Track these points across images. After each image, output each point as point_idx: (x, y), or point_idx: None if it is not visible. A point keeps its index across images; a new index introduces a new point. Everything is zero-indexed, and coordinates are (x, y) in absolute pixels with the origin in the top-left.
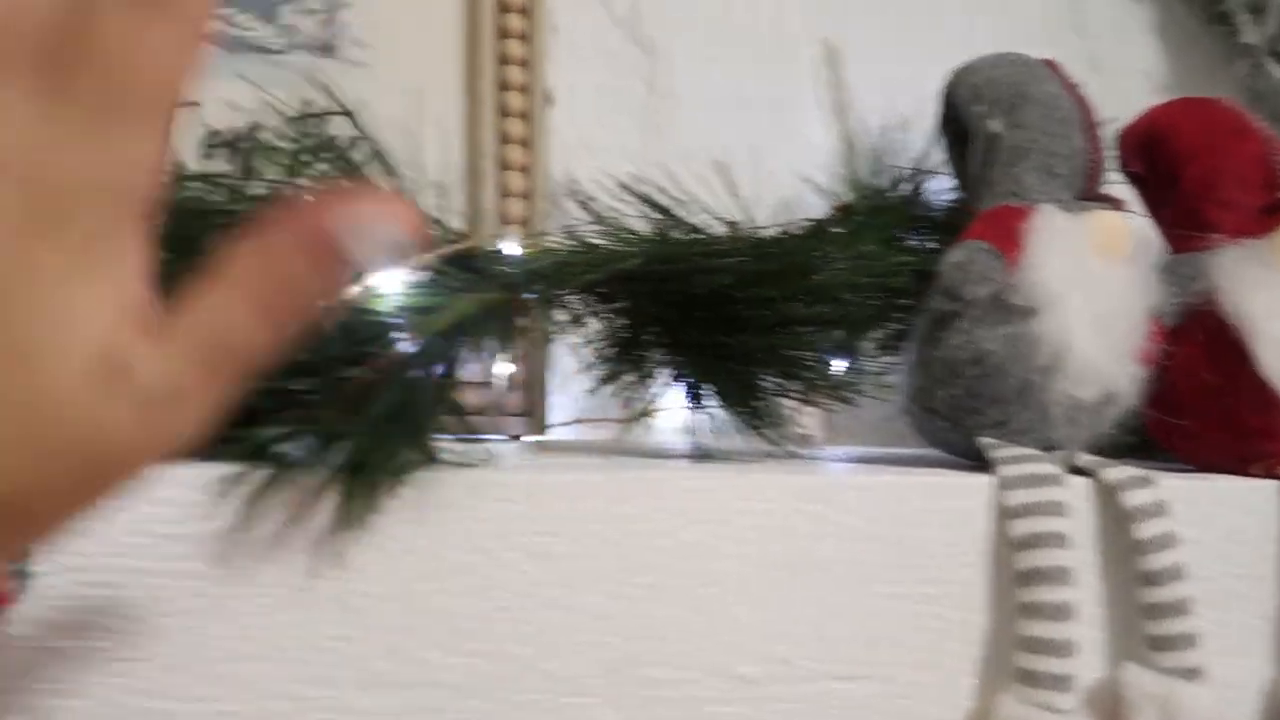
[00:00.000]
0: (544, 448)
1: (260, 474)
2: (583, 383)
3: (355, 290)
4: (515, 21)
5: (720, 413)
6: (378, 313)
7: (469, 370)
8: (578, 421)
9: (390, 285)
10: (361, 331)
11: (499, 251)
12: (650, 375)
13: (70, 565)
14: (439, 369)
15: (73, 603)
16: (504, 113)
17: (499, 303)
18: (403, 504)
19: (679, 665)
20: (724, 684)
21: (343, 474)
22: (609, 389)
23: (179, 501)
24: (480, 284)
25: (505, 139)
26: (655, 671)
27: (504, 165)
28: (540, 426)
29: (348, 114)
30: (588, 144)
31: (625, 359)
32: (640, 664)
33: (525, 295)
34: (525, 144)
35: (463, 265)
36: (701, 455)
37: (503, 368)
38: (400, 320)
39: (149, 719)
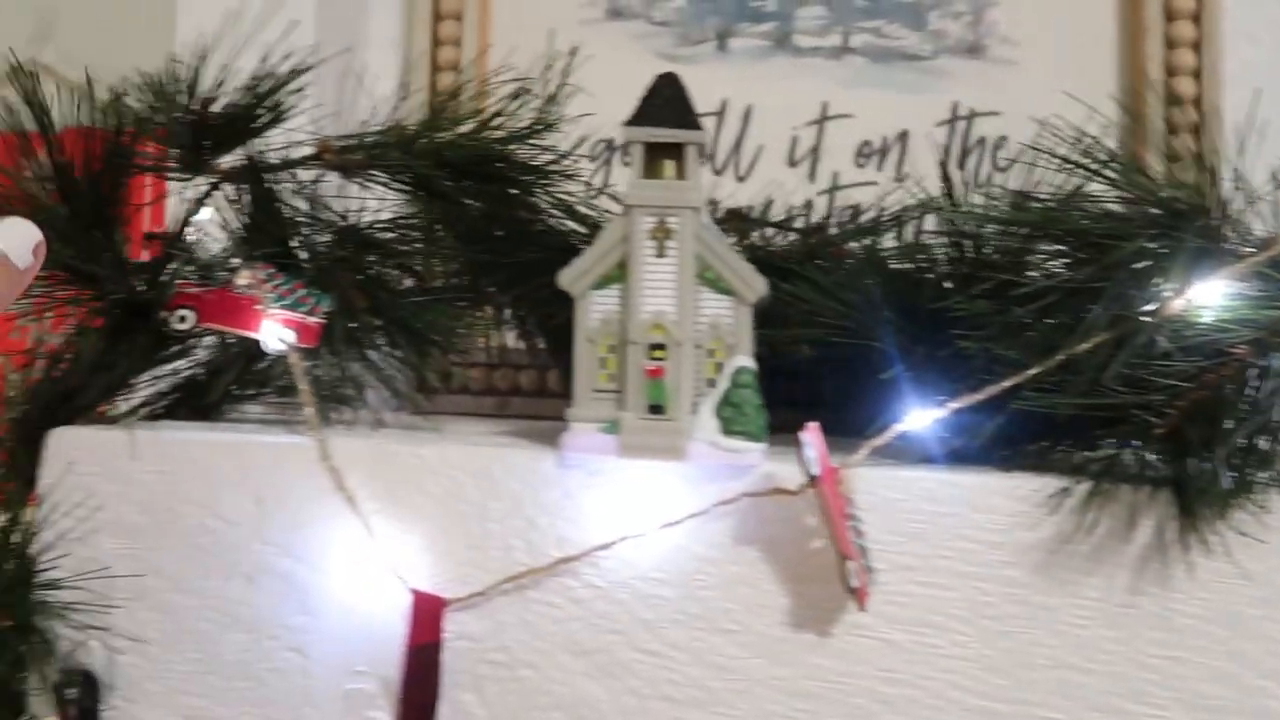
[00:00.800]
0: None
1: (1086, 488)
2: None
3: (1179, 303)
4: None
5: None
6: (1206, 325)
7: None
8: None
9: (1212, 297)
10: (1192, 345)
11: None
12: None
13: (901, 564)
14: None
15: (906, 599)
16: (1170, 100)
17: None
18: (1234, 524)
19: None
20: None
21: (1181, 492)
22: None
23: (1005, 510)
24: None
25: (1172, 129)
26: None
27: (1170, 157)
28: None
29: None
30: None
31: None
32: None
33: None
34: (1196, 132)
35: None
36: None
37: None
38: (1235, 332)
39: (966, 714)
